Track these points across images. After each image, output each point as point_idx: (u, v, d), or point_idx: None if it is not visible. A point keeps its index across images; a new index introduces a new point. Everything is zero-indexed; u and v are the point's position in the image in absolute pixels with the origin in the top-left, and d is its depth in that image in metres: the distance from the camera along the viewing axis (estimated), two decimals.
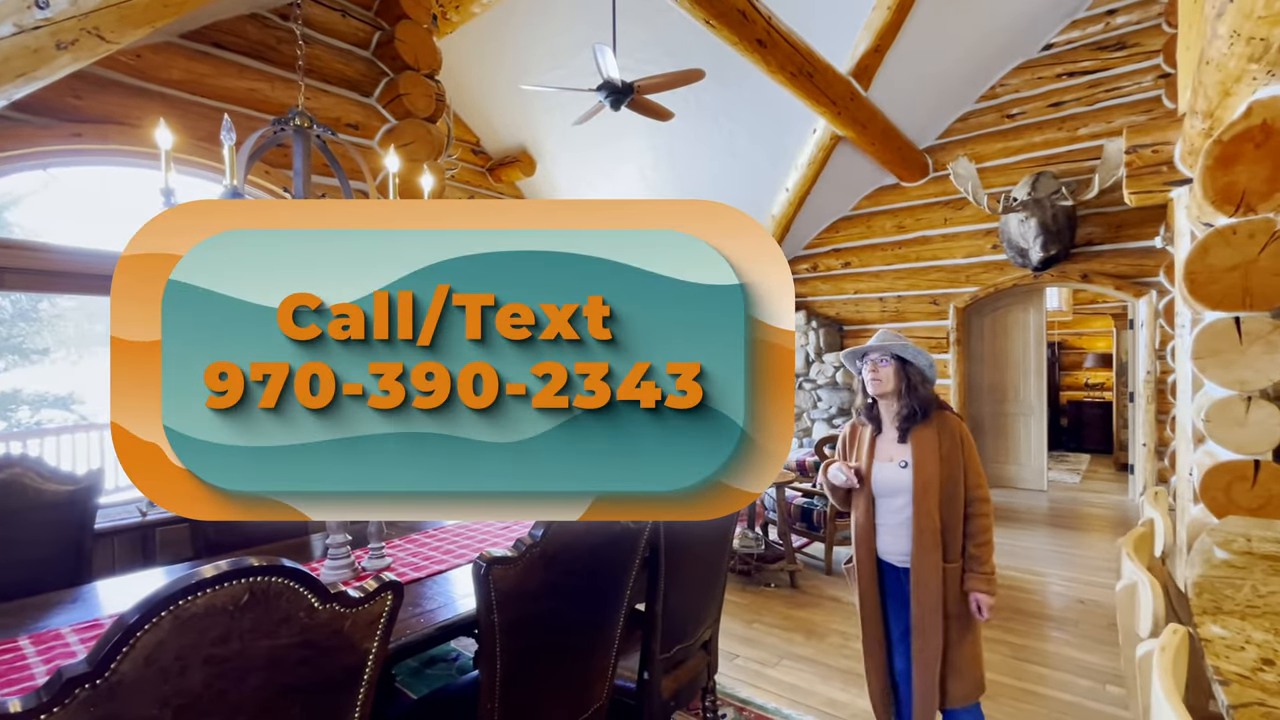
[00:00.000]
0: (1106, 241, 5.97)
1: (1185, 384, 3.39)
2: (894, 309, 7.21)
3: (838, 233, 7.55)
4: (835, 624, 3.30)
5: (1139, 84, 5.79)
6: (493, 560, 1.17)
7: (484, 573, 1.17)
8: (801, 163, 6.22)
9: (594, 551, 1.44)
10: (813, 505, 4.09)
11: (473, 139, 7.48)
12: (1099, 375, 9.23)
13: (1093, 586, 3.78)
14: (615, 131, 6.47)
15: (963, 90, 6.46)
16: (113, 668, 0.75)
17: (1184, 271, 2.86)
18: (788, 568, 3.81)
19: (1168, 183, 3.46)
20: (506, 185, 7.77)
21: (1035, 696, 2.57)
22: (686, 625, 1.90)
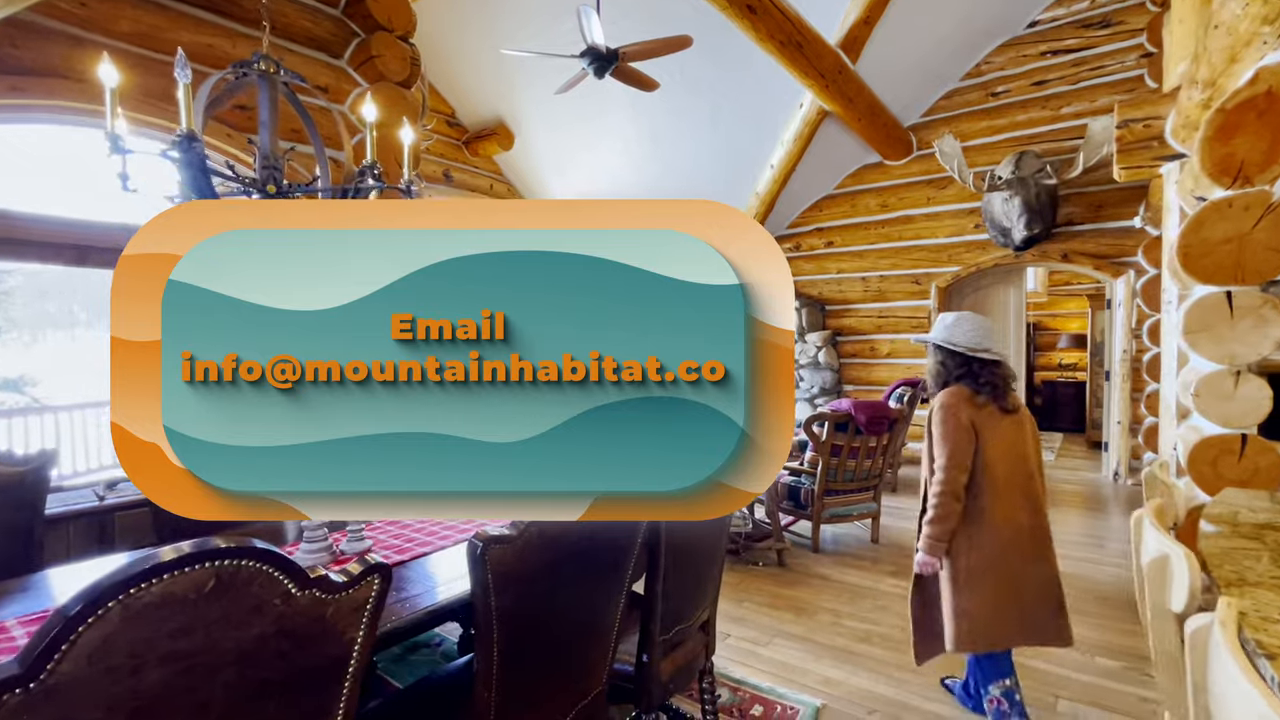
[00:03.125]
0: (1086, 221, 6.01)
1: (1170, 360, 3.40)
2: (876, 288, 7.20)
3: (821, 211, 7.49)
4: (825, 602, 3.27)
5: (1122, 63, 5.80)
6: (490, 540, 1.07)
7: (480, 553, 1.06)
8: (787, 138, 6.13)
9: (593, 533, 1.35)
10: (800, 484, 4.05)
11: (448, 110, 7.22)
12: (1072, 356, 9.39)
13: (1070, 560, 3.82)
14: (597, 104, 6.28)
15: (948, 67, 6.41)
16: (49, 668, 0.64)
17: (1178, 244, 2.84)
18: (776, 546, 3.78)
19: (1158, 158, 3.44)
20: (484, 159, 7.53)
21: (1024, 670, 2.57)
22: (685, 606, 1.83)
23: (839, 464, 3.94)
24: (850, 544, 4.20)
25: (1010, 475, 1.99)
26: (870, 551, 4.03)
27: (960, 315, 2.15)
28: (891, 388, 5.54)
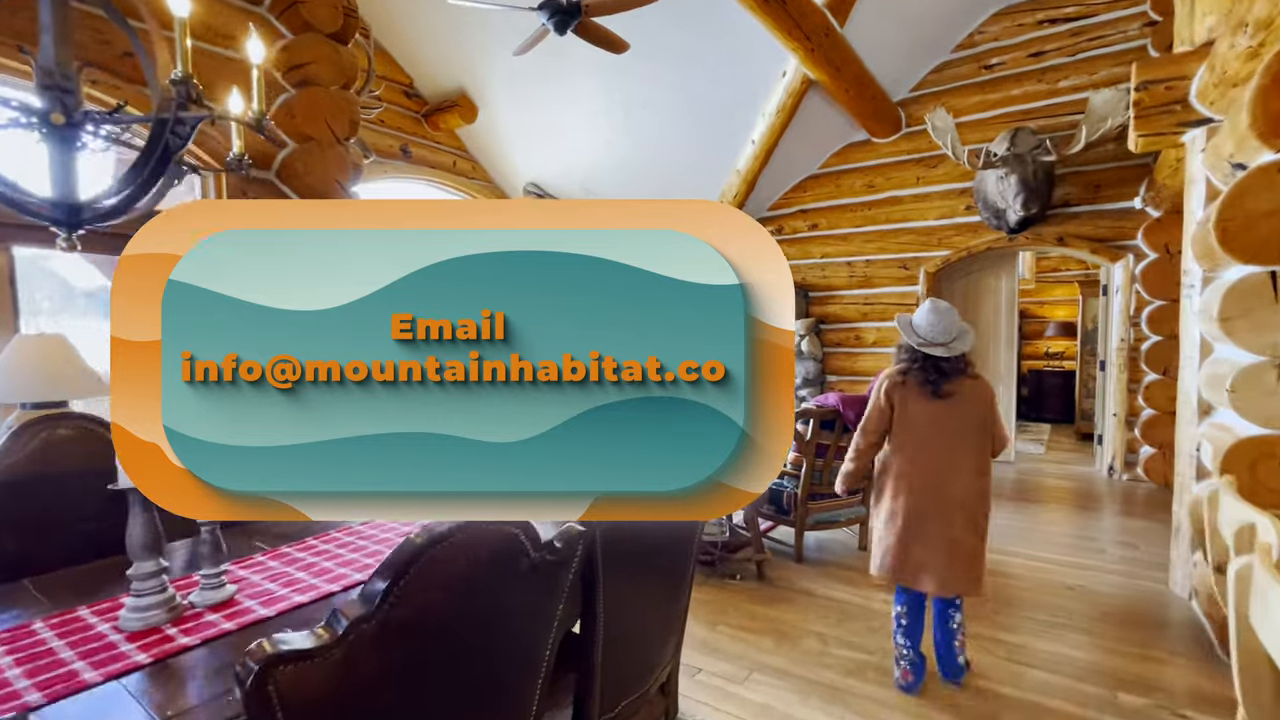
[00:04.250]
0: (1083, 203, 5.68)
1: (1191, 349, 3.06)
2: (862, 274, 6.84)
3: (805, 192, 7.09)
4: (811, 624, 2.90)
5: (1124, 32, 5.45)
6: (274, 660, 0.64)
7: (256, 686, 0.63)
8: (770, 110, 5.70)
9: (481, 594, 0.94)
10: (782, 486, 3.68)
11: (405, 80, 6.67)
12: (1060, 344, 9.15)
13: (1079, 570, 3.50)
14: (565, 73, 5.80)
15: (939, 36, 6.02)
16: None
17: (1216, 218, 2.47)
18: (755, 557, 3.41)
19: (1181, 123, 3.08)
20: (445, 134, 6.99)
21: (1044, 712, 2.21)
22: (636, 671, 1.42)
23: (825, 465, 3.56)
24: (837, 551, 3.84)
25: (920, 448, 2.36)
26: (858, 560, 3.67)
27: (924, 307, 2.44)
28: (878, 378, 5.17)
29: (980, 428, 2.35)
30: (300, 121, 3.41)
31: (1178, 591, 3.15)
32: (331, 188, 3.49)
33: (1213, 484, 2.75)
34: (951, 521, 2.28)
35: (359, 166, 3.80)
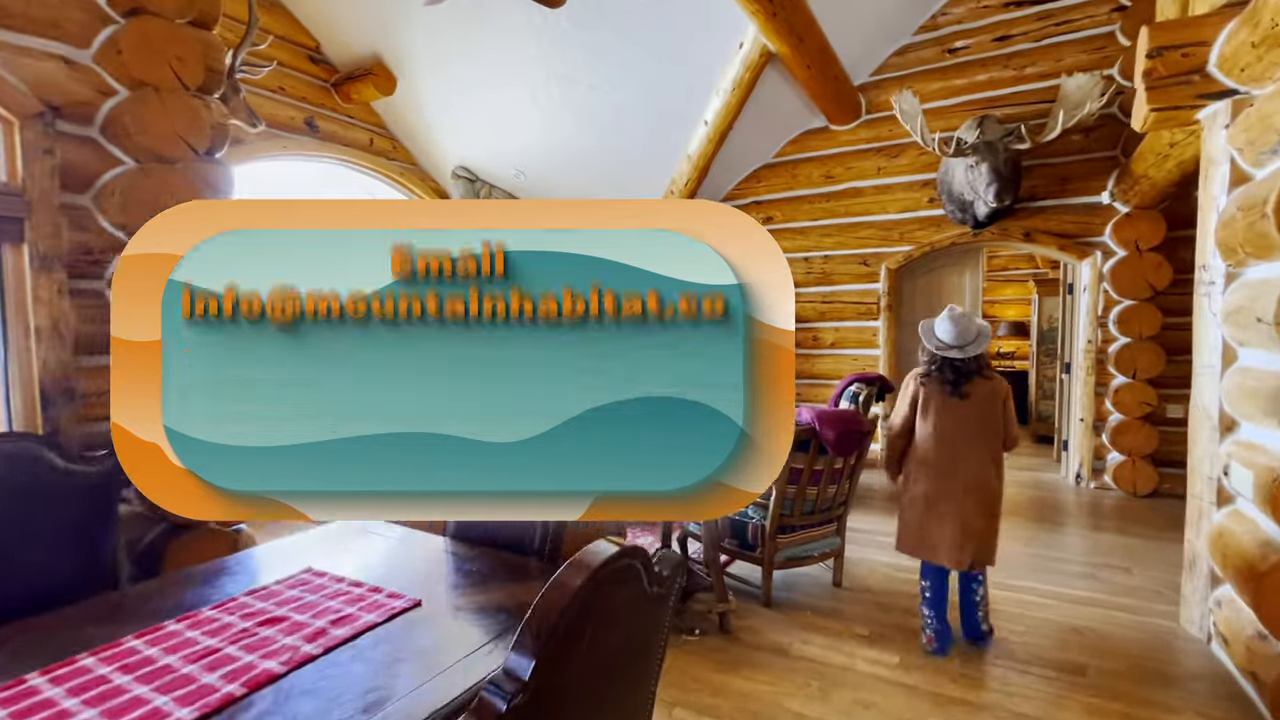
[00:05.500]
0: (1051, 196, 5.40)
1: (1212, 355, 2.68)
2: (820, 270, 6.40)
3: (760, 182, 6.60)
4: (787, 699, 2.35)
5: (1091, 17, 5.17)
6: None
7: None
8: (724, 87, 5.15)
9: None
10: (747, 518, 3.12)
11: (310, 44, 5.79)
12: (1011, 344, 9.04)
13: (1080, 606, 3.09)
14: (495, 39, 5.09)
15: (902, 17, 5.62)
16: None
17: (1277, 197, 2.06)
18: (717, 608, 2.83)
19: (1202, 95, 2.68)
20: (359, 106, 6.13)
21: None
22: None
23: (798, 493, 3.03)
24: (809, 589, 3.32)
25: (938, 442, 2.60)
26: (834, 600, 3.16)
27: (943, 314, 2.64)
28: (843, 384, 4.69)
29: (994, 424, 2.59)
30: (129, 61, 2.59)
31: (1194, 632, 2.77)
32: (175, 148, 2.68)
33: (1244, 510, 2.34)
34: (964, 505, 2.55)
35: (222, 127, 3.00)
